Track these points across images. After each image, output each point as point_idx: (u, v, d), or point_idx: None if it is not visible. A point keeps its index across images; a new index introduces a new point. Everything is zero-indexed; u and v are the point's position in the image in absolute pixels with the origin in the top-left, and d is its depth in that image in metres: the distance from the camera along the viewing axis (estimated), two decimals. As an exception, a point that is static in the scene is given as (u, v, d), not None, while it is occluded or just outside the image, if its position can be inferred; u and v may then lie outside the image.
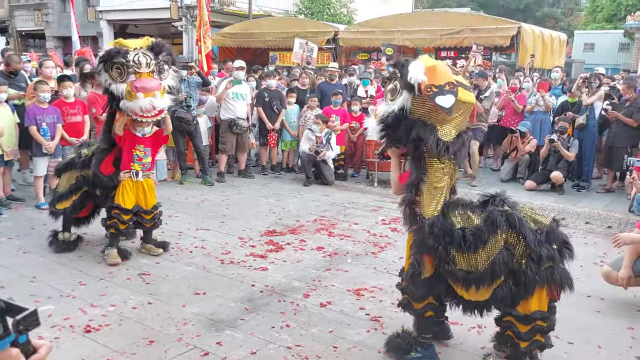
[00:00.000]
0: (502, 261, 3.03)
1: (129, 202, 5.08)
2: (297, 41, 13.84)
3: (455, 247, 3.08)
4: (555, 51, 17.15)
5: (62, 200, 5.31)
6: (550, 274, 3.05)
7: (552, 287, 3.09)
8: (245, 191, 8.29)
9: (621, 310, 4.37)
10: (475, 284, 3.07)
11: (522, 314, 3.11)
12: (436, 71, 3.10)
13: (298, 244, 5.78)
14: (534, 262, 3.03)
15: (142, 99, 4.62)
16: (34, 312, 1.09)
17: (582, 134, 8.63)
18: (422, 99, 3.06)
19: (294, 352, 3.56)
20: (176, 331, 3.81)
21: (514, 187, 8.82)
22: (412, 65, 3.05)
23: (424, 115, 3.09)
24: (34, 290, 4.44)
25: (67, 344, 3.60)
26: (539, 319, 3.11)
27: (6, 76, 7.52)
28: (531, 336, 3.14)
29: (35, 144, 6.83)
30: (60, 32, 23.21)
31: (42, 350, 1.13)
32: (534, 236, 3.04)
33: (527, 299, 3.08)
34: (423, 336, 3.46)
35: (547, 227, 3.10)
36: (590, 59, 29.21)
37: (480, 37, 14.22)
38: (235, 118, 8.72)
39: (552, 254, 3.04)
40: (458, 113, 3.13)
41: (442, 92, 3.03)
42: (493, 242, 3.05)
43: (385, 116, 3.20)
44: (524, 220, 3.09)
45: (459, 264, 3.10)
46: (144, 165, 5.14)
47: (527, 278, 3.02)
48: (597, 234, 6.55)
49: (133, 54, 4.68)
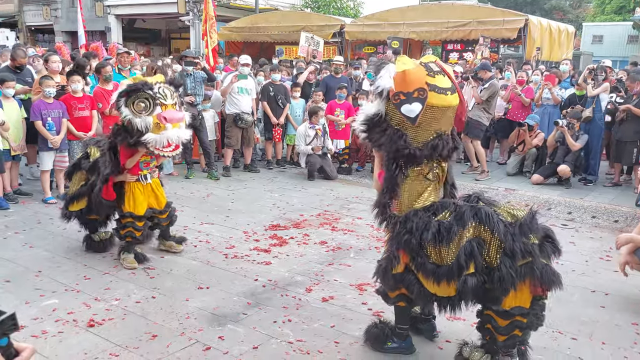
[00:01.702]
0: (466, 253, 2.97)
1: (141, 208, 4.95)
2: (303, 35, 13.81)
3: (429, 240, 3.05)
4: (563, 43, 17.01)
5: (75, 202, 5.19)
6: (529, 270, 2.95)
7: (534, 284, 3.00)
8: (251, 185, 8.30)
9: (626, 306, 4.34)
10: (446, 277, 3.02)
11: (501, 309, 3.06)
12: (406, 77, 3.05)
13: (302, 238, 5.79)
14: (508, 257, 2.95)
15: (170, 131, 4.57)
16: (11, 315, 1.08)
17: (588, 127, 8.56)
18: (393, 106, 3.08)
19: (295, 347, 3.57)
20: (179, 325, 3.82)
21: (520, 180, 8.78)
22: (383, 71, 3.04)
23: (395, 121, 3.11)
24: (39, 284, 4.48)
25: (70, 338, 3.62)
26: (518, 315, 3.04)
27: (12, 71, 7.56)
28: (509, 331, 3.10)
29: (41, 138, 6.88)
30: (69, 26, 23.25)
31: (24, 353, 1.12)
32: (505, 229, 2.97)
33: (506, 296, 3.01)
34: (399, 326, 3.48)
35: (522, 220, 3.01)
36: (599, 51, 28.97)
37: (487, 29, 14.13)
38: (240, 112, 8.72)
39: (528, 249, 2.95)
40: (432, 117, 3.08)
41: (409, 100, 3.01)
42: (461, 236, 3.01)
43: (365, 117, 3.22)
44: (493, 214, 3.03)
45: (431, 257, 3.08)
46: (151, 169, 5.07)
47: (501, 273, 2.95)
48: (603, 228, 6.50)
49: (157, 87, 4.67)
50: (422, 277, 3.13)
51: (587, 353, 3.58)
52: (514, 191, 8.06)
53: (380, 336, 3.51)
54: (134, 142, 4.63)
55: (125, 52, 9.28)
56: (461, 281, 3.00)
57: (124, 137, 4.67)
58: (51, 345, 3.53)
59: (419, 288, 3.16)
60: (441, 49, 16.82)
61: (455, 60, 14.90)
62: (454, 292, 3.07)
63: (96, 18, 22.71)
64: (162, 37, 25.85)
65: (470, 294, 3.05)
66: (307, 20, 17.36)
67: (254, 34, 17.98)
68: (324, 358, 3.45)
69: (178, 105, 4.81)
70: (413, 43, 17.18)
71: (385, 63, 3.11)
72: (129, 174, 4.92)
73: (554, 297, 4.36)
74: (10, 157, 6.88)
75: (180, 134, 4.68)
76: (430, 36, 15.79)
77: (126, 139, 4.67)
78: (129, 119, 4.57)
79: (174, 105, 4.72)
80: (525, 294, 3.03)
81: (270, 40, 17.83)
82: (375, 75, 3.11)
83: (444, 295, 3.12)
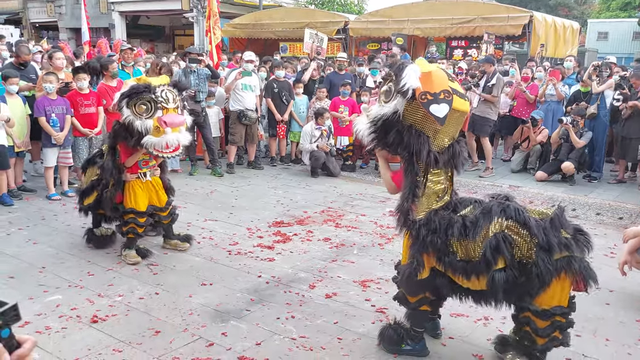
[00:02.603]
0: (491, 247, 2.92)
1: (142, 204, 4.96)
2: (307, 31, 13.77)
3: (455, 236, 3.02)
4: (568, 40, 16.92)
5: (87, 196, 5.22)
6: (567, 264, 2.89)
7: (576, 279, 2.92)
8: (254, 182, 8.30)
9: (630, 303, 4.32)
10: (475, 272, 2.99)
11: (540, 309, 2.97)
12: (432, 77, 3.01)
13: (305, 235, 5.78)
14: (544, 251, 2.89)
15: (169, 134, 4.57)
16: (14, 306, 1.09)
17: (593, 124, 8.52)
18: (416, 106, 3.00)
19: (298, 343, 3.57)
20: (182, 322, 3.83)
21: (524, 177, 8.75)
22: (407, 70, 2.96)
23: (417, 122, 3.03)
24: (43, 280, 4.49)
25: (74, 334, 3.63)
26: (558, 315, 2.97)
27: (16, 67, 7.58)
28: (550, 332, 3.01)
29: (44, 135, 6.89)
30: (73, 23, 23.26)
31: (26, 345, 1.12)
32: (536, 223, 2.93)
33: (544, 292, 2.94)
34: (415, 329, 3.43)
35: (552, 214, 2.98)
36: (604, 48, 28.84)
37: (491, 26, 14.08)
38: (244, 109, 8.71)
39: (564, 242, 2.90)
40: (451, 122, 3.06)
41: (436, 100, 2.96)
42: (487, 230, 2.96)
43: (377, 118, 3.12)
44: (523, 210, 3.00)
45: (459, 255, 3.04)
46: (151, 168, 5.06)
47: (538, 268, 2.89)
48: (607, 225, 6.48)
49: (160, 90, 4.67)
50: (452, 275, 3.09)
51: (591, 350, 3.57)
52: (518, 188, 8.03)
53: (394, 338, 3.46)
54: (133, 142, 4.67)
55: (128, 48, 9.27)
56: (490, 277, 2.95)
57: (124, 136, 4.71)
58: (55, 340, 3.54)
59: (452, 286, 3.14)
60: (445, 45, 16.78)
61: (460, 57, 14.86)
62: (485, 286, 3.01)
63: (100, 15, 22.71)
64: (166, 33, 25.84)
65: (501, 290, 2.97)
66: (311, 16, 17.33)
67: (258, 31, 17.96)
68: (327, 354, 3.45)
69: (180, 109, 4.82)
70: (417, 40, 17.12)
71: (405, 63, 3.04)
72: (128, 173, 4.94)
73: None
74: (15, 154, 6.90)
75: (180, 138, 4.68)
76: (434, 33, 15.74)
77: (126, 139, 4.71)
78: (130, 119, 4.60)
79: (175, 109, 4.74)
80: (565, 291, 2.97)
81: (274, 37, 17.81)
82: (397, 75, 3.01)
83: (477, 289, 3.07)
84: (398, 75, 3.00)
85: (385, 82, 3.20)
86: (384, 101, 3.14)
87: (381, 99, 3.19)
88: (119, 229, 5.13)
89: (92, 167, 5.32)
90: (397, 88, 3.00)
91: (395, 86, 3.03)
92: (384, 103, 3.14)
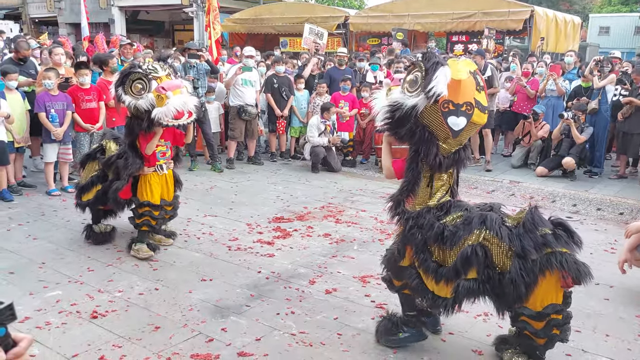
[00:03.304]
0: (462, 257, 2.93)
1: (158, 197, 4.96)
2: (307, 26, 13.73)
3: (432, 240, 3.05)
4: (569, 35, 16.87)
5: (85, 192, 5.21)
6: (546, 261, 2.89)
7: (560, 275, 2.90)
8: (254, 178, 8.29)
9: (630, 298, 4.32)
10: (445, 278, 3.00)
11: (534, 312, 2.97)
12: (460, 87, 2.95)
13: (305, 230, 5.78)
14: (519, 257, 2.91)
15: (173, 98, 4.49)
16: (9, 305, 1.08)
17: (594, 119, 8.50)
18: (436, 109, 2.96)
19: (298, 339, 3.57)
20: (182, 317, 3.83)
21: (525, 173, 8.74)
22: (439, 73, 2.89)
23: (432, 124, 3.00)
24: (43, 276, 4.49)
25: (74, 329, 3.63)
26: (552, 313, 2.96)
27: (15, 63, 7.56)
28: (548, 331, 3.02)
29: (45, 130, 6.89)
30: (73, 18, 23.19)
31: (22, 344, 1.12)
32: (509, 233, 2.95)
33: (532, 295, 2.94)
34: (407, 314, 3.46)
35: (523, 217, 2.97)
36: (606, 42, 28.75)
37: (492, 20, 14.02)
38: (244, 105, 8.70)
39: (541, 241, 2.90)
40: (464, 133, 3.04)
41: (457, 112, 2.93)
42: (466, 240, 2.98)
43: (395, 106, 3.07)
44: (498, 219, 2.99)
45: (434, 256, 3.08)
46: (168, 159, 5.04)
47: (510, 274, 2.90)
48: (608, 221, 6.47)
49: (145, 65, 4.73)
50: (423, 274, 3.13)
51: (590, 345, 3.57)
52: (518, 183, 8.03)
53: (391, 328, 3.48)
54: (147, 125, 4.64)
55: (128, 43, 9.25)
56: (456, 285, 2.98)
57: (138, 124, 4.68)
58: (55, 336, 3.54)
59: (418, 283, 3.16)
60: (446, 40, 16.70)
61: (461, 52, 14.80)
62: (450, 294, 3.04)
63: (100, 10, 22.64)
64: (165, 28, 25.75)
65: (465, 299, 3.03)
66: (311, 11, 17.28)
67: (258, 26, 17.91)
68: (327, 350, 3.45)
69: (173, 75, 4.79)
70: (418, 34, 17.07)
71: (440, 62, 2.96)
72: (146, 166, 4.89)
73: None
74: (14, 149, 6.89)
75: (186, 100, 4.60)
76: (435, 27, 15.68)
77: (140, 126, 4.68)
78: (133, 104, 4.58)
79: (168, 75, 4.70)
80: (553, 289, 2.95)
81: (274, 31, 17.76)
82: (428, 72, 2.94)
83: (439, 295, 3.09)
84: (429, 74, 2.93)
85: (412, 71, 3.10)
86: (408, 90, 3.06)
87: (405, 85, 3.10)
88: (132, 221, 5.07)
89: (91, 163, 5.30)
90: (424, 85, 2.94)
91: (422, 81, 2.97)
92: (407, 92, 3.06)
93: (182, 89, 4.66)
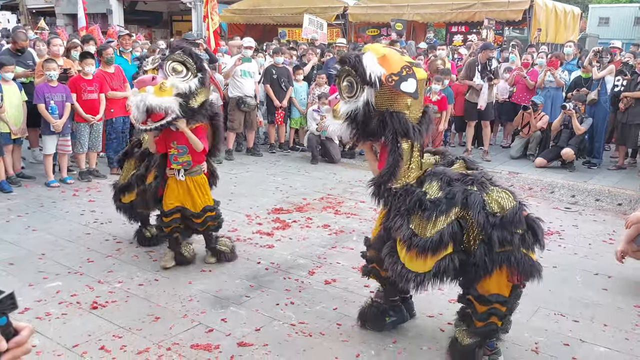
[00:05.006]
0: (449, 233, 2.96)
1: (170, 203, 4.46)
2: (307, 17, 13.68)
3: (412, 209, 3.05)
4: (569, 25, 16.84)
5: (126, 193, 4.85)
6: (505, 258, 2.95)
7: (511, 272, 2.98)
8: (253, 169, 8.29)
9: (628, 289, 4.34)
10: (418, 248, 2.97)
11: (479, 294, 3.07)
12: (389, 59, 3.08)
13: (304, 221, 5.79)
14: (485, 244, 2.96)
15: (134, 95, 4.11)
16: (10, 294, 1.08)
17: (593, 110, 8.50)
18: (384, 90, 3.05)
19: (297, 329, 3.58)
20: (181, 308, 3.84)
21: (524, 163, 8.75)
22: (366, 60, 3.01)
23: (391, 104, 3.08)
24: (42, 267, 4.50)
25: (74, 320, 3.64)
26: (495, 302, 3.05)
27: (13, 54, 7.53)
28: (487, 317, 3.09)
29: (44, 122, 6.87)
30: (70, 9, 23.02)
31: (23, 333, 1.12)
32: (486, 219, 2.95)
33: (484, 280, 3.02)
34: (392, 299, 3.57)
35: (506, 213, 2.97)
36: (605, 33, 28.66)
37: (491, 11, 14.00)
38: (243, 96, 8.68)
39: (507, 238, 2.93)
40: (420, 91, 3.15)
41: (402, 78, 3.01)
42: (447, 215, 2.99)
43: (352, 114, 3.11)
44: (480, 203, 2.98)
45: (412, 224, 3.04)
46: (183, 164, 4.40)
47: (475, 258, 2.98)
48: (606, 212, 6.48)
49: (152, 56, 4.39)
50: (399, 242, 3.09)
51: (588, 335, 3.59)
52: (517, 174, 8.04)
53: (378, 314, 3.56)
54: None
55: (126, 34, 9.20)
56: (441, 259, 2.98)
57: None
58: (55, 326, 3.55)
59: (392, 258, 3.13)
60: (445, 31, 16.68)
61: (460, 43, 14.77)
62: (426, 268, 3.01)
63: (97, 0, 22.51)
64: (163, 19, 25.61)
65: (447, 275, 3.04)
66: (309, 2, 17.18)
67: (257, 16, 17.83)
68: (326, 340, 3.47)
69: (165, 72, 4.11)
70: (417, 25, 17.02)
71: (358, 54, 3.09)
72: (168, 167, 4.49)
73: (558, 279, 4.38)
74: (11, 141, 6.86)
75: (146, 98, 3.96)
76: (434, 18, 15.65)
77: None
78: None
79: (154, 70, 4.22)
80: (503, 282, 3.03)
81: (273, 22, 17.69)
82: (356, 68, 3.03)
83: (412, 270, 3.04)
84: (358, 68, 3.03)
85: (342, 78, 3.17)
86: (348, 96, 3.13)
87: (344, 94, 3.17)
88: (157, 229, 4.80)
89: (129, 160, 4.92)
90: (361, 80, 3.04)
91: (356, 79, 3.06)
92: (347, 98, 3.13)
93: (150, 87, 4.02)
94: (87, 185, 7.08)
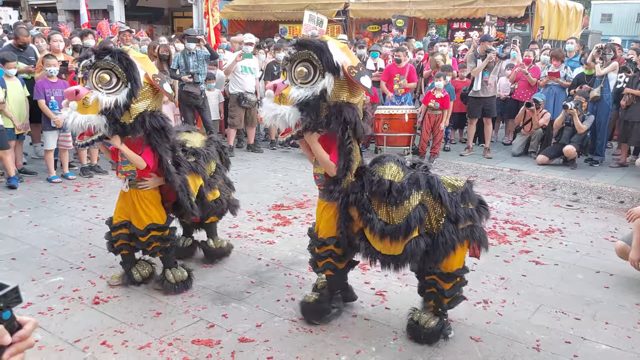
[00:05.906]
0: (416, 217, 3.06)
1: (116, 216, 4.00)
2: (307, 13, 13.66)
3: (378, 198, 3.11)
4: (572, 22, 16.78)
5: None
6: (470, 232, 3.16)
7: (473, 245, 3.23)
8: (254, 165, 8.29)
9: (630, 287, 4.33)
10: (390, 236, 3.08)
11: (445, 272, 3.24)
12: (348, 52, 3.13)
13: (305, 218, 5.79)
14: (451, 222, 3.11)
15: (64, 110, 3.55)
16: (15, 288, 1.08)
17: (596, 107, 8.48)
18: (341, 81, 3.05)
19: (298, 325, 3.59)
20: (183, 303, 3.85)
21: (525, 161, 8.73)
22: (331, 46, 3.00)
23: (344, 97, 3.09)
24: (44, 262, 4.50)
25: (76, 315, 3.65)
26: (459, 276, 3.30)
27: (15, 50, 7.53)
28: (454, 292, 3.31)
29: (44, 117, 6.87)
30: (72, 5, 23.03)
31: (27, 327, 1.12)
32: (449, 198, 3.11)
33: (449, 258, 3.17)
34: (335, 291, 3.67)
35: (462, 189, 3.17)
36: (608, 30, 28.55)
37: (493, 7, 13.95)
38: (244, 92, 8.68)
39: (470, 213, 3.15)
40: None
41: (361, 73, 3.04)
42: (412, 199, 3.08)
43: (304, 100, 3.00)
44: (442, 183, 3.16)
45: (379, 215, 3.13)
46: (127, 174, 3.81)
47: (444, 237, 3.10)
48: (608, 209, 6.48)
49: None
50: (369, 234, 3.17)
51: (590, 333, 3.59)
52: (519, 172, 8.02)
53: (324, 307, 3.58)
54: None
55: (127, 30, 9.21)
56: (412, 242, 3.09)
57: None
58: (57, 322, 3.56)
59: (366, 245, 3.23)
60: (447, 27, 16.64)
61: (461, 39, 14.74)
62: (399, 251, 3.13)
63: (99, -4, 22.49)
64: (164, 15, 25.60)
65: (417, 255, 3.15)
66: (311, -2, 17.16)
67: (258, 12, 17.79)
68: (327, 336, 3.47)
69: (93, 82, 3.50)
70: (418, 22, 16.98)
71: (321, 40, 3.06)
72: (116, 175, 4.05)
73: (559, 277, 4.38)
74: (14, 136, 6.87)
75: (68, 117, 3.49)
76: (436, 14, 15.60)
77: None
78: None
79: (82, 80, 3.59)
80: (464, 255, 3.27)
81: (274, 18, 17.65)
82: (319, 53, 2.97)
83: (388, 254, 3.18)
84: (322, 54, 2.97)
85: (297, 62, 3.05)
86: (302, 82, 3.03)
87: (296, 80, 3.05)
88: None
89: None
90: (324, 67, 2.99)
91: (318, 64, 3.00)
92: (301, 84, 3.03)
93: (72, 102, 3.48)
94: (89, 181, 7.09)
